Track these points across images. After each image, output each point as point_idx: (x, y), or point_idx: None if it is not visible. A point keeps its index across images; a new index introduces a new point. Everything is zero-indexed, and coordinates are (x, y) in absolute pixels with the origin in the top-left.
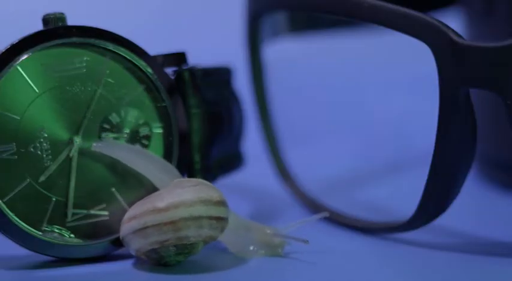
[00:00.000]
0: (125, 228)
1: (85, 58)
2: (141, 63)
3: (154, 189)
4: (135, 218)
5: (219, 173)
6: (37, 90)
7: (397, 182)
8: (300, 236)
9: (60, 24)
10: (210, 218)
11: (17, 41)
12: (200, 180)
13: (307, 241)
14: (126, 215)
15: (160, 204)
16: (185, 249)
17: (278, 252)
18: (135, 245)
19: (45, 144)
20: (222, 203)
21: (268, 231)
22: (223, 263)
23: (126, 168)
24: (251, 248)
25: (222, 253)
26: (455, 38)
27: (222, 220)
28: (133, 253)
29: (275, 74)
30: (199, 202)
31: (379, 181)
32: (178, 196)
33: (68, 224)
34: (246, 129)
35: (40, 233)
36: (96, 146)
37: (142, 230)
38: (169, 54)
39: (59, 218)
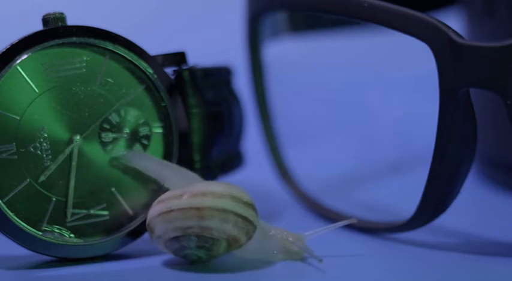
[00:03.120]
0: (152, 211)
1: (85, 58)
2: (141, 63)
3: (156, 189)
4: (163, 202)
5: (219, 173)
6: (37, 90)
7: (397, 182)
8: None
9: (60, 24)
10: (237, 215)
11: (17, 41)
12: (233, 184)
13: (322, 259)
14: (156, 200)
15: (189, 191)
16: (206, 243)
17: (295, 258)
18: (159, 230)
19: (45, 144)
20: (251, 207)
21: (290, 238)
22: (235, 265)
23: (126, 168)
24: (271, 252)
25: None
26: (455, 37)
27: (248, 223)
28: (155, 242)
29: (275, 74)
30: (228, 196)
31: (379, 181)
32: (208, 186)
33: (68, 224)
34: (246, 129)
35: (40, 233)
36: (125, 155)
37: (167, 213)
38: (169, 54)
39: (59, 218)
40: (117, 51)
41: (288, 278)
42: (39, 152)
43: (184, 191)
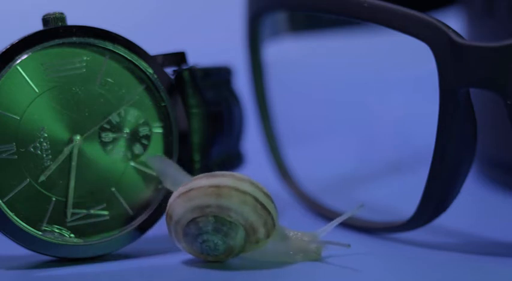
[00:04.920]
0: (173, 194)
1: (85, 58)
2: (141, 63)
3: (156, 189)
4: (184, 185)
5: None
6: (37, 90)
7: (397, 182)
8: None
9: (60, 24)
10: (256, 200)
11: (17, 40)
12: None
13: (349, 245)
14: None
15: (210, 174)
16: (224, 226)
17: (315, 257)
18: (177, 212)
19: (45, 144)
20: (270, 199)
21: (306, 238)
22: (249, 266)
23: (126, 168)
24: (289, 254)
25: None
26: (455, 37)
27: (267, 212)
28: (173, 232)
29: (275, 74)
30: (248, 182)
31: (379, 181)
32: (229, 172)
33: (68, 224)
34: (246, 129)
35: (40, 233)
36: (150, 160)
37: (186, 193)
38: (169, 54)
39: (59, 218)
40: (117, 51)
41: (287, 278)
42: (39, 152)
43: (205, 175)
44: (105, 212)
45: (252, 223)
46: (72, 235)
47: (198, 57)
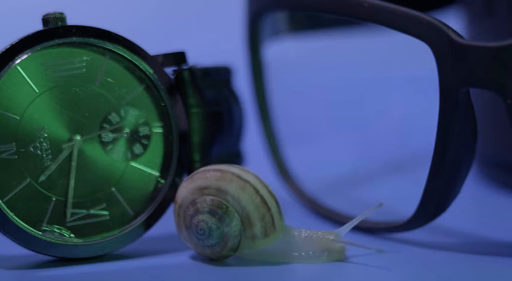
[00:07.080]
0: (182, 181)
1: (85, 58)
2: (141, 63)
3: (156, 188)
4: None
5: None
6: (37, 90)
7: (397, 182)
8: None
9: (59, 24)
10: (257, 192)
11: (16, 40)
12: None
13: (382, 250)
14: None
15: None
16: (219, 209)
17: (340, 257)
18: (181, 196)
19: (45, 144)
20: (274, 198)
21: (330, 237)
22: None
23: (126, 167)
24: (311, 253)
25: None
26: (455, 37)
27: (266, 207)
28: (176, 218)
29: (275, 74)
30: (253, 175)
31: (379, 181)
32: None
33: (68, 224)
34: (246, 129)
35: (40, 233)
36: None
37: (191, 177)
38: (169, 54)
39: (59, 218)
40: (117, 51)
41: (284, 278)
42: (39, 152)
43: (214, 165)
44: (105, 212)
45: (248, 214)
46: (72, 235)
47: (198, 57)
